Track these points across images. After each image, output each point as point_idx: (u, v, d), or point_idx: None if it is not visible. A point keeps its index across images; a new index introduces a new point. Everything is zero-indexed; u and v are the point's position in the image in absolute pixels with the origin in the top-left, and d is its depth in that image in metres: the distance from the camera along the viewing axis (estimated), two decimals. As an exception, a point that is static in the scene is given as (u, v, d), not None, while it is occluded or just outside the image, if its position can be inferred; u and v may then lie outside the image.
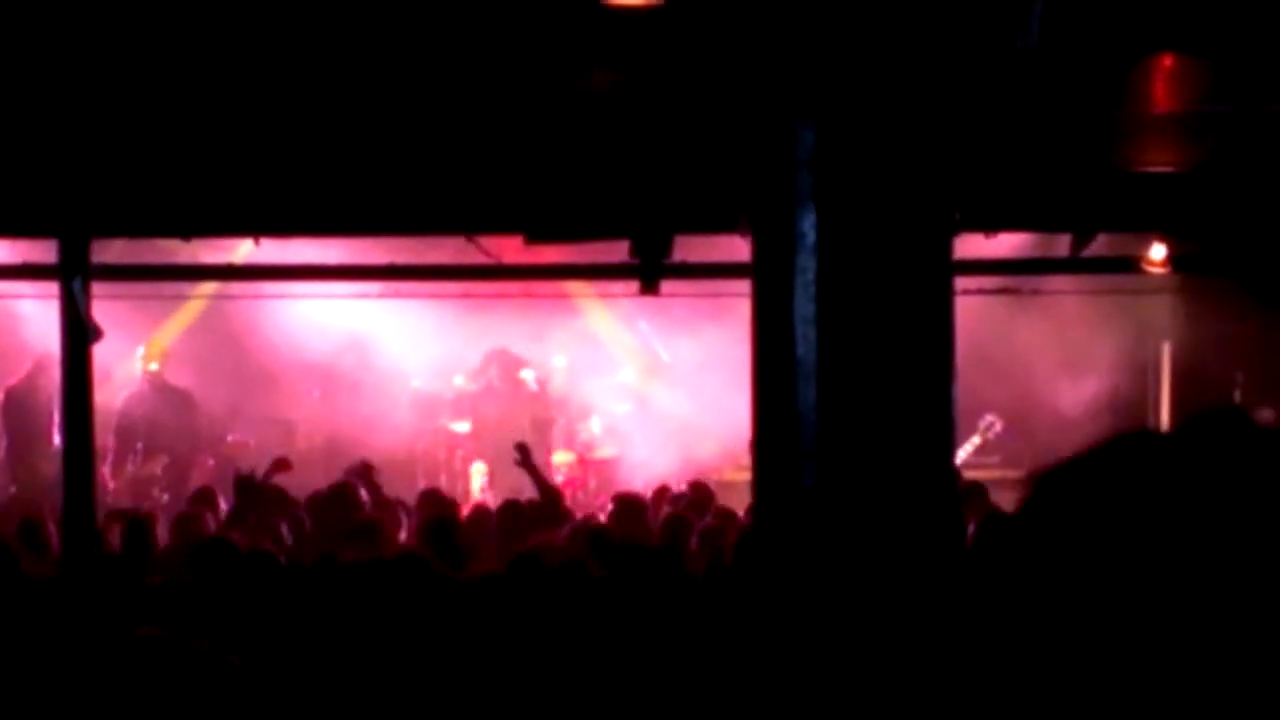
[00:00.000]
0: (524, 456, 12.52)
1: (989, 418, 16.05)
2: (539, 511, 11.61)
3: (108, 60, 9.32)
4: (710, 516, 11.28)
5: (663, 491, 13.07)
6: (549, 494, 11.91)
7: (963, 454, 15.80)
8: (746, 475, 12.04)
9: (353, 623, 6.96)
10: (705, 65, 8.62)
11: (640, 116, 9.57)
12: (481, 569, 8.82)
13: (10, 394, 16.51)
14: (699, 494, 12.59)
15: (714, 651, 7.01)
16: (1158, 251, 12.10)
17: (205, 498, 12.29)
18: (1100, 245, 12.14)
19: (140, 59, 9.32)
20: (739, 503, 12.25)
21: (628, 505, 11.99)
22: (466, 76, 9.52)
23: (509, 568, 8.50)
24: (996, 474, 15.59)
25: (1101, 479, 1.67)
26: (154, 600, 8.04)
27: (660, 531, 10.82)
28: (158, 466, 16.49)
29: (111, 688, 6.04)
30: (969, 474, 15.12)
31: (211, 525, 11.06)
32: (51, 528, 11.00)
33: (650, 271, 11.31)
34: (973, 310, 13.04)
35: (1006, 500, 12.27)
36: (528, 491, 12.30)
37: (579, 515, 13.13)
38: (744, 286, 7.15)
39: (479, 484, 17.07)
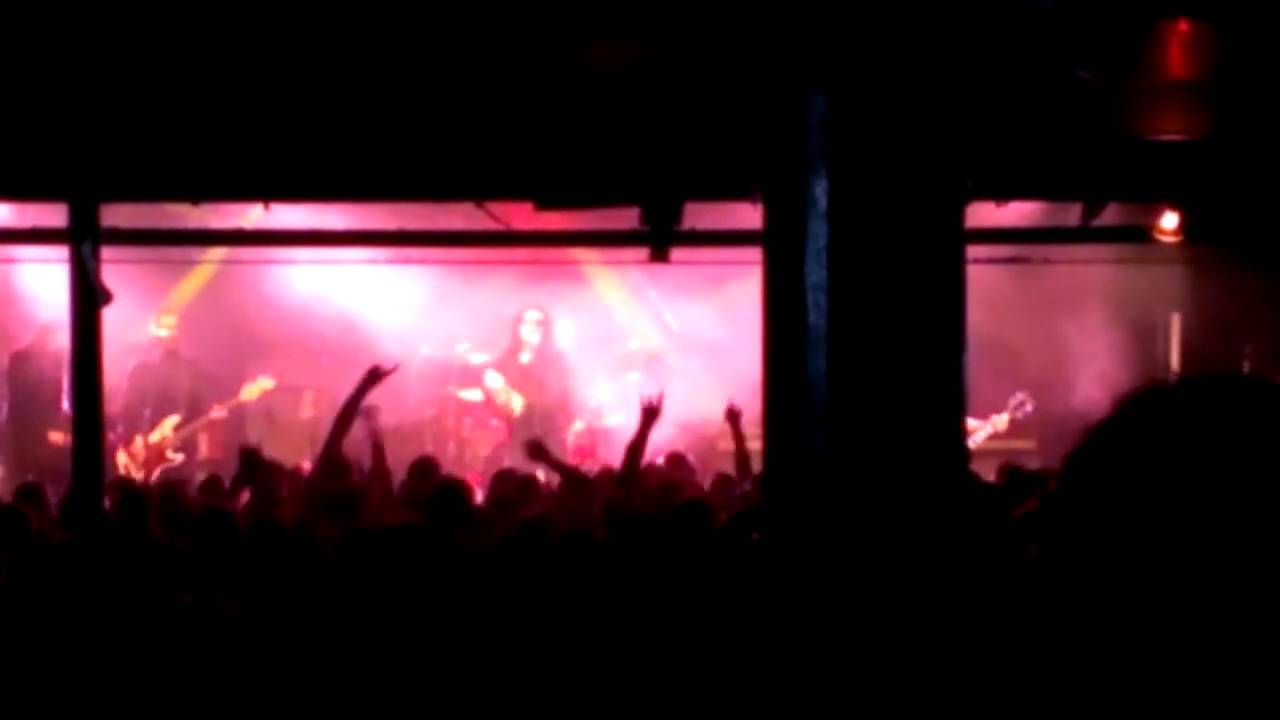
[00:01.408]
0: (537, 452, 12.49)
1: (1020, 396, 16.00)
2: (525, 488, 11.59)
3: (118, 23, 9.29)
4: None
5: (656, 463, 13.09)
6: (574, 481, 11.79)
7: (988, 430, 15.81)
8: (750, 445, 12.08)
9: (352, 593, 6.94)
10: (717, 31, 8.59)
11: (651, 83, 9.54)
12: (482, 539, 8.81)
13: (16, 359, 16.50)
14: (676, 466, 12.66)
15: (724, 617, 7.00)
16: (1169, 221, 12.06)
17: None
18: (1111, 215, 12.10)
19: (151, 22, 9.29)
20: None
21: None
22: (477, 42, 9.48)
23: (513, 538, 8.48)
24: (1003, 445, 15.59)
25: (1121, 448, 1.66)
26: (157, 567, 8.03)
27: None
28: (169, 428, 16.51)
29: (140, 651, 6.06)
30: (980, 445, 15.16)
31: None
32: (49, 492, 11.08)
33: (661, 238, 11.28)
34: (985, 281, 13.04)
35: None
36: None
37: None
38: (755, 254, 7.13)
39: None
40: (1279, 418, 1.64)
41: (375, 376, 11.89)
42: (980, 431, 15.72)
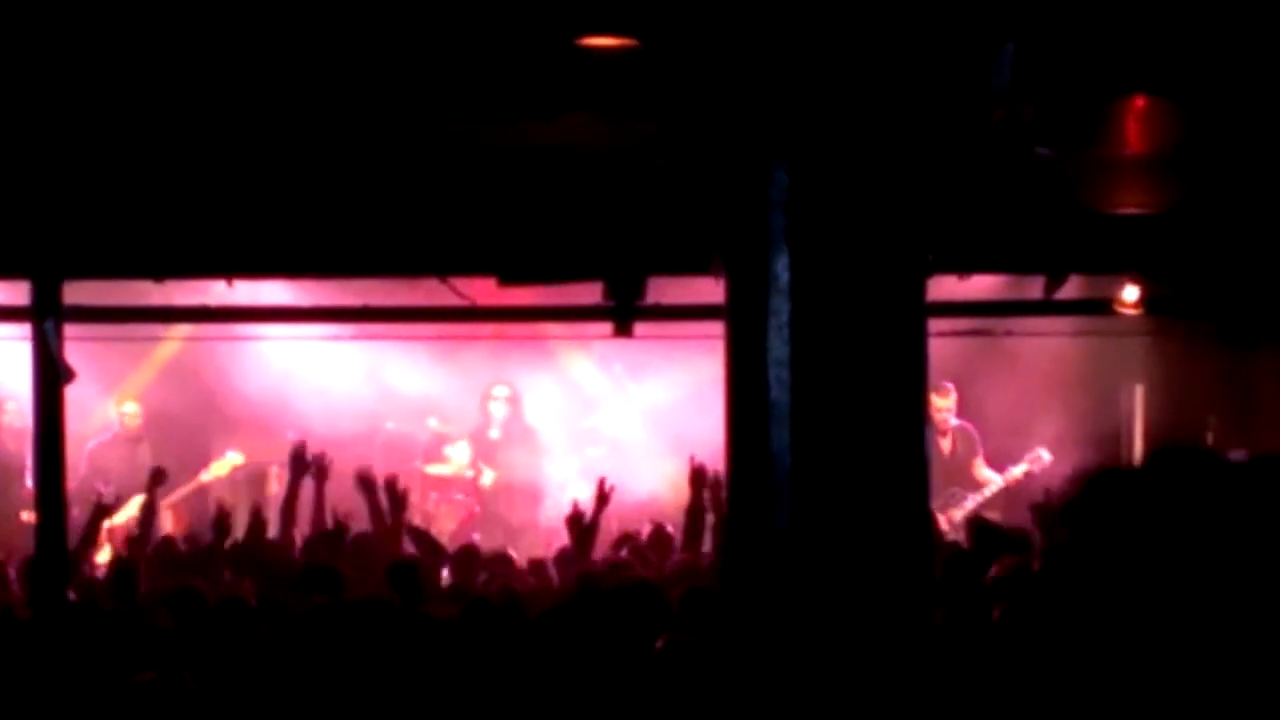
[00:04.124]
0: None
1: (1039, 450, 16.12)
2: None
3: (80, 102, 9.31)
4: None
5: (625, 538, 13.03)
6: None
7: (1003, 479, 15.97)
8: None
9: (318, 668, 6.91)
10: (679, 106, 8.63)
11: (614, 158, 9.58)
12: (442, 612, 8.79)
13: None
14: (659, 537, 12.61)
15: (689, 693, 6.98)
16: (1130, 293, 12.13)
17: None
18: (1073, 287, 12.16)
19: (112, 101, 9.31)
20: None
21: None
22: (440, 117, 9.52)
23: (465, 611, 8.46)
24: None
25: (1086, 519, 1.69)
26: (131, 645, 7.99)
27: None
28: (135, 508, 16.43)
29: None
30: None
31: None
32: (11, 572, 11.04)
33: (624, 313, 11.31)
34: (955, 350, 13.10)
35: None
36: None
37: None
38: (718, 328, 7.14)
39: None
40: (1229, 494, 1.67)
41: (301, 461, 12.13)
42: (991, 486, 15.98)
